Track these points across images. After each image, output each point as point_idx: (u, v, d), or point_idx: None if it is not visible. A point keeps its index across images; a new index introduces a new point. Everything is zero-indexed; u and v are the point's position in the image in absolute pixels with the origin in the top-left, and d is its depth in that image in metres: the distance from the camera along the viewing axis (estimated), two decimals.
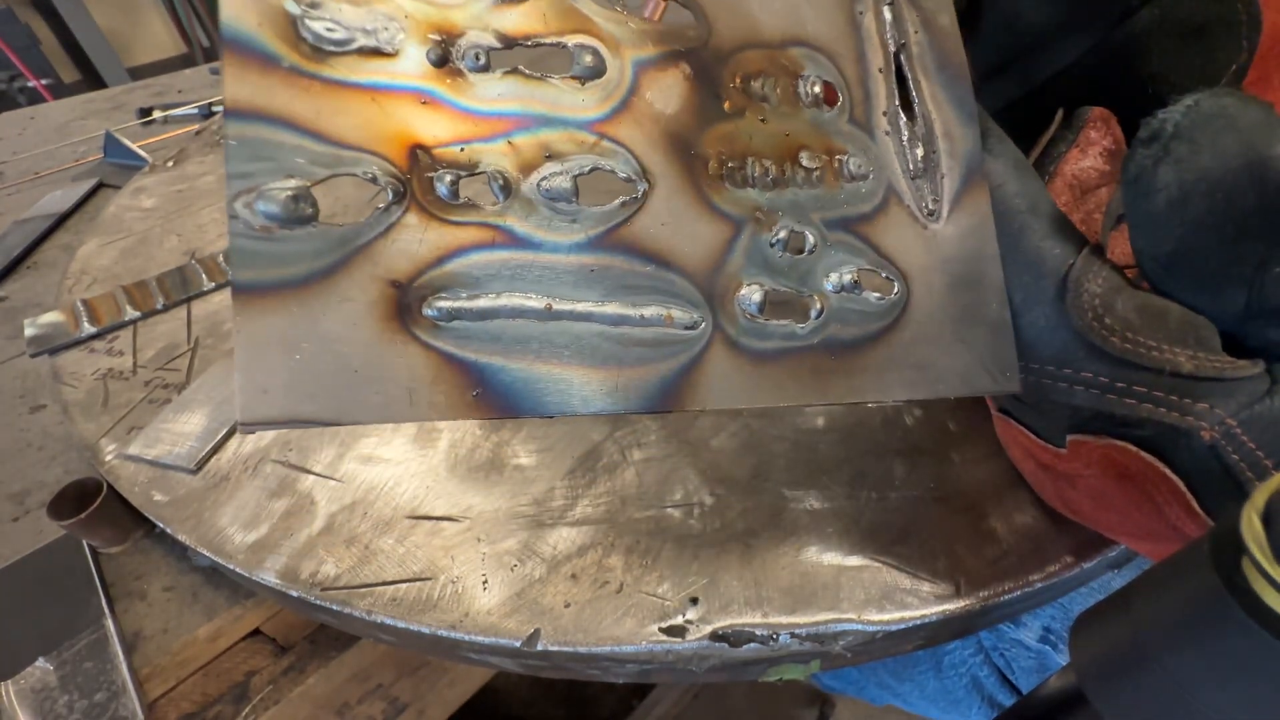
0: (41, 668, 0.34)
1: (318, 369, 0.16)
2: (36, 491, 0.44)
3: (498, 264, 0.18)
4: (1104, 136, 0.25)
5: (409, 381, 0.17)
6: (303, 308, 0.16)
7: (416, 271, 0.17)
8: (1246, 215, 0.18)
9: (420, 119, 0.18)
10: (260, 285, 0.16)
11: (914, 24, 0.24)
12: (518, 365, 0.18)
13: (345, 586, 0.30)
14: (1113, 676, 0.16)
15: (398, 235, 0.17)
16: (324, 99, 0.17)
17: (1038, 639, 0.42)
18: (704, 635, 0.28)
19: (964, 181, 0.23)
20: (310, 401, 0.16)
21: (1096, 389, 0.21)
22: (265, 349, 0.16)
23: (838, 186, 0.22)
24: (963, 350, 0.22)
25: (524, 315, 0.18)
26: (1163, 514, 0.21)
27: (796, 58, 0.22)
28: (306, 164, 0.17)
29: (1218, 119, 0.19)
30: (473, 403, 0.17)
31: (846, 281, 0.21)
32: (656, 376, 0.19)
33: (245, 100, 0.17)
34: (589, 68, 0.20)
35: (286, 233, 0.16)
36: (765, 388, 0.20)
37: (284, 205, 0.16)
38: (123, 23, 2.65)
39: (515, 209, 0.19)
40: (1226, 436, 0.19)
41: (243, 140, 0.16)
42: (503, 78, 0.19)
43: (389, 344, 0.17)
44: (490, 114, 0.19)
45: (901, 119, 0.23)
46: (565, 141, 0.19)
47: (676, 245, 0.20)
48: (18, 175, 0.81)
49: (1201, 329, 0.20)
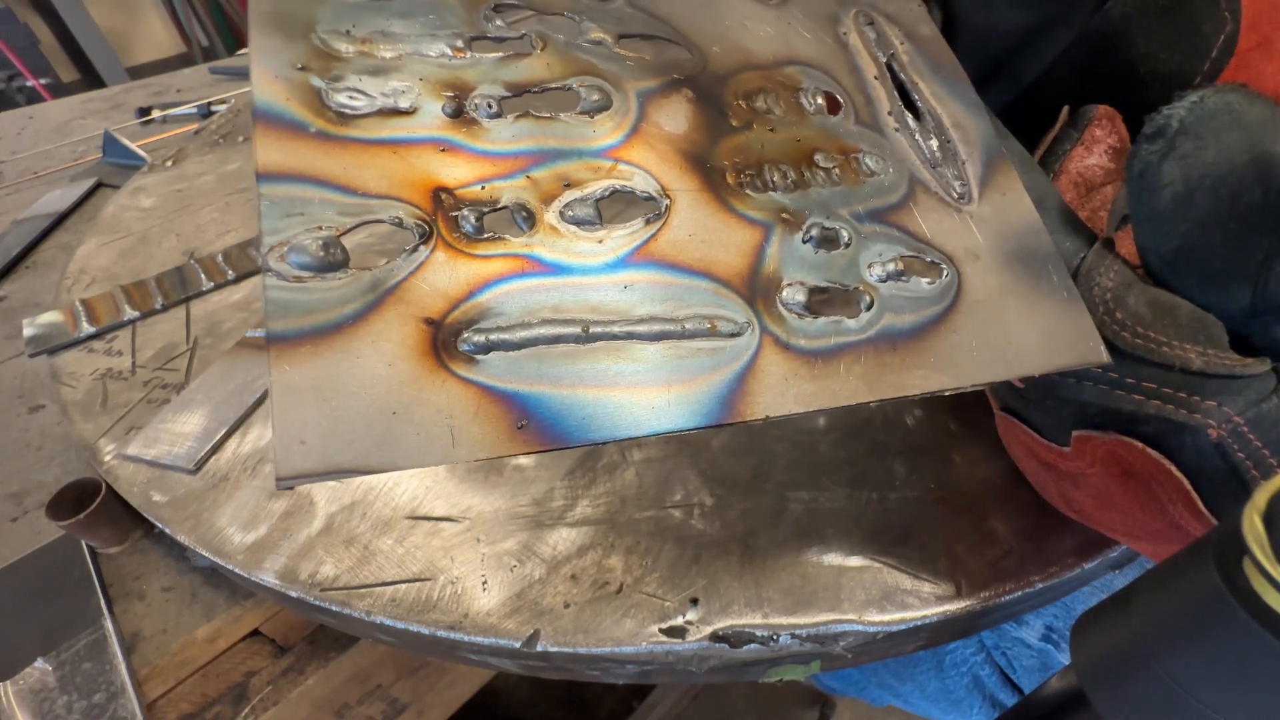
0: (40, 668, 0.34)
1: (355, 415, 0.16)
2: (35, 492, 0.44)
3: (529, 291, 0.18)
4: (1109, 134, 0.24)
5: (449, 419, 0.16)
6: (338, 353, 0.16)
7: (449, 306, 0.17)
8: (1251, 211, 0.18)
9: (441, 165, 0.19)
10: (295, 334, 0.16)
11: (897, 37, 0.25)
12: (562, 393, 0.17)
13: (344, 587, 0.30)
14: (1114, 677, 0.16)
15: (427, 273, 0.17)
16: (349, 156, 0.18)
17: (1040, 638, 0.42)
18: (704, 636, 0.28)
19: (986, 165, 0.23)
20: (348, 449, 0.15)
21: (1105, 384, 0.21)
22: (301, 399, 0.15)
23: (859, 182, 0.22)
24: (1034, 325, 0.21)
25: (562, 340, 0.18)
26: (1166, 513, 0.21)
27: (792, 74, 0.23)
28: (335, 214, 0.17)
29: (1223, 115, 0.19)
30: (518, 436, 0.16)
31: (891, 270, 0.21)
32: (708, 388, 0.18)
33: (275, 164, 0.17)
34: (596, 103, 0.21)
35: (319, 282, 0.17)
36: (827, 388, 0.19)
37: (315, 254, 0.17)
38: (122, 22, 2.65)
39: (540, 237, 0.19)
40: (1233, 434, 0.19)
41: (274, 200, 0.17)
42: (515, 121, 0.20)
43: (427, 382, 0.16)
44: (507, 154, 0.19)
45: (908, 116, 0.24)
46: (582, 170, 0.20)
47: (708, 254, 0.20)
48: (16, 175, 0.81)
49: (1211, 326, 0.20)
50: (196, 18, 2.71)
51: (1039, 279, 0.22)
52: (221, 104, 0.88)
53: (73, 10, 2.36)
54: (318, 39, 0.19)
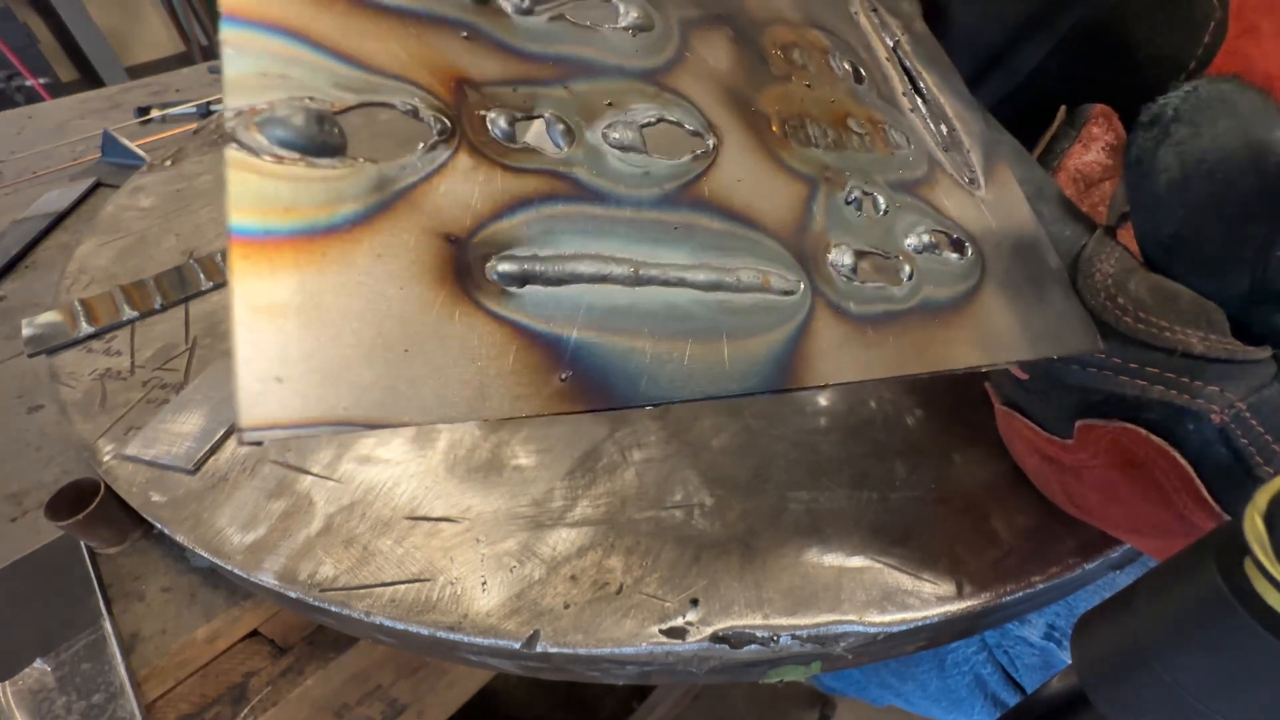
0: (39, 669, 0.34)
1: (352, 348, 0.12)
2: (34, 492, 0.44)
3: (570, 218, 0.15)
4: (1106, 131, 0.25)
5: (478, 363, 0.13)
6: (332, 264, 0.12)
7: (476, 224, 0.14)
8: (1246, 197, 0.18)
9: (465, 53, 0.16)
10: (271, 233, 0.12)
11: (898, 27, 0.25)
12: (612, 341, 0.14)
13: (344, 587, 0.30)
14: (1115, 677, 0.16)
15: (448, 180, 0.14)
16: (350, 18, 0.15)
17: (1042, 636, 0.42)
18: (704, 637, 0.28)
19: (985, 157, 0.24)
20: (344, 393, 0.11)
21: (1109, 370, 0.21)
22: (277, 322, 0.11)
23: (888, 152, 0.22)
24: (1047, 309, 0.21)
25: (609, 280, 0.15)
26: (1171, 503, 0.21)
27: (819, 38, 0.23)
28: (329, 87, 0.14)
29: (1217, 103, 0.19)
30: (561, 390, 0.14)
31: (925, 241, 0.21)
32: (766, 348, 0.16)
33: (250, 5, 0.13)
34: (636, 21, 0.19)
35: (306, 167, 0.13)
36: (880, 356, 0.18)
37: (304, 129, 0.13)
38: (121, 21, 2.65)
39: (581, 158, 0.16)
40: (1235, 420, 0.19)
41: (244, 52, 0.13)
42: (550, 21, 0.18)
43: (449, 314, 0.13)
44: (542, 56, 0.17)
45: (918, 99, 0.24)
46: (626, 91, 0.18)
47: (756, 203, 0.18)
48: (15, 175, 0.81)
49: (1212, 312, 0.20)
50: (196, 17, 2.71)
51: (1044, 266, 0.22)
52: (221, 103, 0.88)
53: (72, 10, 2.36)
54: None
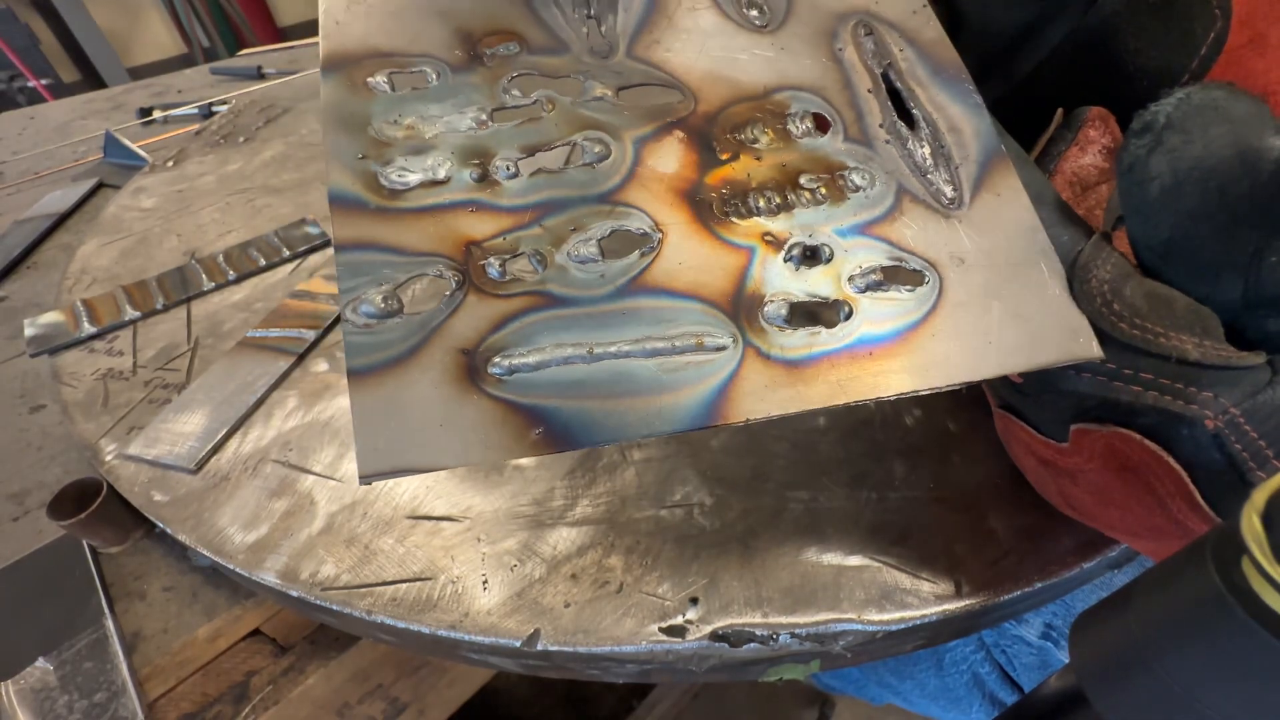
0: (41, 668, 0.34)
1: (412, 426, 0.20)
2: (36, 491, 0.44)
3: (544, 322, 0.22)
4: (1103, 135, 0.25)
5: (481, 428, 0.20)
6: (398, 380, 0.21)
7: (480, 338, 0.21)
8: (1239, 203, 0.18)
9: (471, 223, 0.23)
10: (367, 368, 0.21)
11: (897, 44, 0.26)
12: (571, 404, 0.21)
13: (345, 586, 0.30)
14: (1113, 677, 0.16)
15: (463, 314, 0.22)
16: (400, 224, 0.23)
17: (1039, 635, 0.42)
18: (704, 635, 0.28)
19: (983, 165, 0.24)
20: (409, 452, 0.20)
21: (1104, 375, 0.21)
22: (374, 416, 0.20)
23: (844, 198, 0.24)
24: (1026, 322, 0.22)
25: (571, 361, 0.21)
26: (1165, 507, 0.21)
27: (781, 101, 0.25)
28: (392, 273, 0.22)
29: (1209, 110, 0.19)
30: (536, 440, 0.20)
31: (871, 281, 0.23)
32: (697, 396, 0.21)
33: (347, 237, 0.22)
34: (598, 154, 0.24)
35: (381, 326, 0.21)
36: (804, 392, 0.21)
37: (379, 305, 0.21)
38: (123, 22, 2.65)
39: (553, 276, 0.22)
40: (1230, 426, 0.19)
41: (347, 265, 0.22)
42: (530, 178, 0.24)
43: (464, 399, 0.21)
44: (524, 207, 0.23)
45: (900, 126, 0.25)
46: (587, 215, 0.23)
47: (697, 279, 0.23)
48: (17, 175, 0.81)
49: (1207, 318, 0.20)
50: (197, 18, 2.72)
51: (1032, 278, 0.23)
52: (222, 104, 0.88)
53: (74, 11, 2.36)
54: (373, 130, 0.24)
